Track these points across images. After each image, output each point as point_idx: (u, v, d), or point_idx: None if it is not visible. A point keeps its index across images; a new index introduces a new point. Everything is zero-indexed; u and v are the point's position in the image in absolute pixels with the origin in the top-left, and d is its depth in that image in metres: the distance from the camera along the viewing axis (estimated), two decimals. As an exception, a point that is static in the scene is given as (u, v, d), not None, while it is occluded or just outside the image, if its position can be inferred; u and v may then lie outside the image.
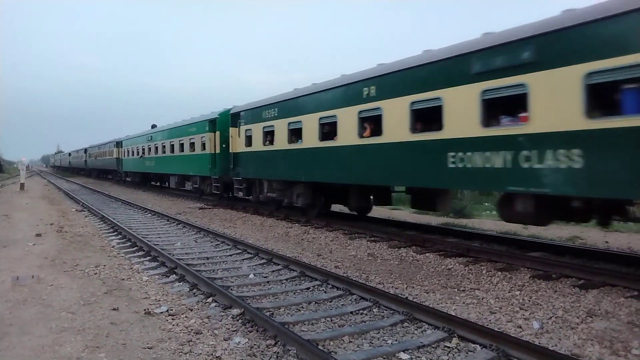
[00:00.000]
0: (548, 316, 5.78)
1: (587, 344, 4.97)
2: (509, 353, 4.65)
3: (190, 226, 13.72)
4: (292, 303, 6.51)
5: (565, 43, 6.86)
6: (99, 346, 4.97)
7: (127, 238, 11.84)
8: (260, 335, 5.26)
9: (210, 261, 9.35)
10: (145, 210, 18.52)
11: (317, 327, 5.64)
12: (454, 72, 8.56)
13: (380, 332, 5.40)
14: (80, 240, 11.43)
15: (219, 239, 11.53)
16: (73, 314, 5.99)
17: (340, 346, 5.03)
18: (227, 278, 8.00)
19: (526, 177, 7.35)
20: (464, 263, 8.52)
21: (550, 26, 7.10)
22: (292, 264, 8.60)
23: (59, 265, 8.67)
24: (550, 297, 6.49)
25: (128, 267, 8.70)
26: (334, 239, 11.31)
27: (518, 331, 5.38)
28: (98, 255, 9.67)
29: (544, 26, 7.20)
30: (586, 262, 8.00)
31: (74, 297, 6.70)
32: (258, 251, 9.76)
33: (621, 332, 5.22)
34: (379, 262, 9.02)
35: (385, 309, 6.18)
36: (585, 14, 6.70)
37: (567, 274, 7.44)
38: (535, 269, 7.82)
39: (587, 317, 5.68)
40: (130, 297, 6.78)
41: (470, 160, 8.23)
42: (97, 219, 15.95)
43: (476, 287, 7.15)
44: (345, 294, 6.84)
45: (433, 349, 4.93)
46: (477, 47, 8.16)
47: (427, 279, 7.69)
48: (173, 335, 5.27)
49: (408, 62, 9.75)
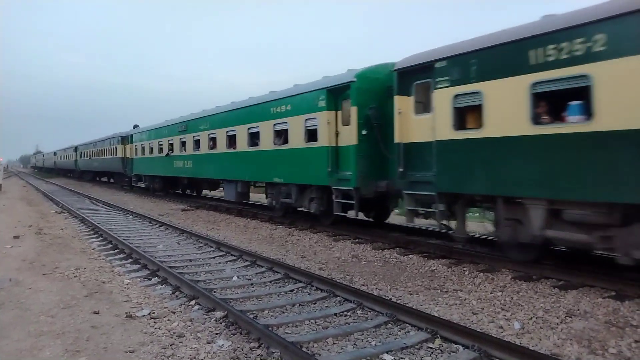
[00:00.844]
0: (529, 316, 5.87)
1: (567, 343, 5.06)
2: (490, 353, 4.71)
3: (173, 228, 13.59)
4: (276, 305, 6.50)
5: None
6: (79, 350, 4.89)
7: (108, 240, 11.67)
8: (244, 338, 5.23)
9: (193, 263, 9.27)
10: (127, 212, 18.27)
11: (301, 329, 5.64)
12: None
13: (364, 334, 5.42)
14: (60, 243, 11.22)
15: (202, 241, 11.43)
16: (52, 317, 5.89)
17: (325, 348, 5.03)
18: (210, 280, 7.94)
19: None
20: (447, 264, 8.61)
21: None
22: (276, 265, 8.58)
23: (38, 268, 8.51)
24: (531, 297, 6.59)
25: (109, 270, 8.58)
26: (318, 241, 11.32)
27: (500, 331, 5.45)
28: (78, 258, 9.51)
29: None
30: (566, 264, 8.14)
31: (53, 300, 6.58)
32: (242, 253, 9.71)
33: (599, 331, 5.33)
34: (363, 263, 9.06)
35: (369, 310, 6.20)
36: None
37: (547, 275, 7.57)
38: (516, 270, 7.93)
39: (567, 317, 5.79)
40: (111, 300, 6.69)
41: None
42: (77, 221, 15.68)
43: (459, 288, 7.23)
44: (330, 296, 6.85)
45: (416, 349, 4.97)
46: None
47: (410, 281, 7.74)
48: (155, 339, 5.21)
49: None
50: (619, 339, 5.08)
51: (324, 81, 12.30)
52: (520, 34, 7.45)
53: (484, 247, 9.90)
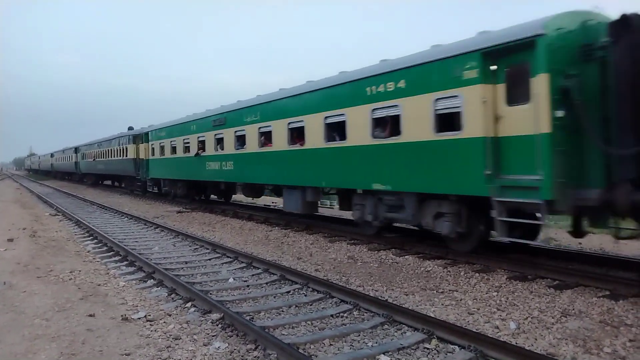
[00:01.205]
0: (524, 316, 5.90)
1: (562, 343, 5.09)
2: (486, 353, 4.72)
3: (169, 230, 13.55)
4: (272, 307, 6.49)
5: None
6: (75, 353, 4.87)
7: (103, 242, 11.62)
8: (241, 340, 5.23)
9: (188, 265, 9.25)
10: (122, 214, 18.20)
11: (298, 330, 5.64)
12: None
13: (360, 335, 5.42)
14: (55, 245, 11.17)
15: (197, 243, 11.41)
16: (47, 320, 5.86)
17: (321, 349, 5.03)
18: (206, 282, 7.93)
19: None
20: (442, 265, 8.63)
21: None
22: (272, 267, 8.58)
23: (32, 271, 8.46)
24: (526, 297, 6.62)
25: (104, 272, 8.55)
26: (314, 242, 11.32)
27: (495, 331, 5.48)
28: (73, 261, 9.47)
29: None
30: (560, 263, 8.18)
31: (48, 303, 6.55)
32: (238, 255, 9.70)
33: (594, 331, 5.36)
34: (359, 264, 9.07)
35: (365, 311, 6.21)
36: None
37: (543, 275, 7.60)
38: (511, 270, 7.97)
39: (562, 317, 5.82)
40: (106, 302, 6.66)
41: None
42: (71, 223, 15.61)
43: (454, 288, 7.25)
44: (326, 297, 6.85)
45: (413, 350, 4.98)
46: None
47: (406, 281, 7.76)
48: (151, 341, 5.19)
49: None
50: (614, 338, 5.11)
51: (474, 41, 8.39)
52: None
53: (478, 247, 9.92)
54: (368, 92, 10.36)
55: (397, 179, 9.72)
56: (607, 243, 10.91)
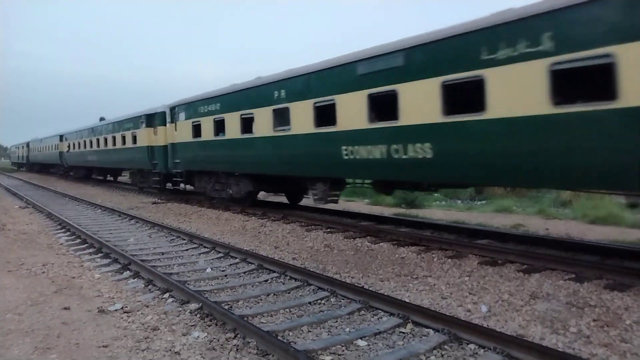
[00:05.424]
0: (495, 300, 6.11)
1: (531, 324, 5.30)
2: (460, 336, 4.89)
3: (144, 221, 13.38)
4: (251, 295, 6.54)
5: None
6: (50, 347, 4.82)
7: (76, 235, 11.41)
8: (220, 329, 5.27)
9: (165, 256, 9.19)
10: (95, 206, 17.86)
11: (276, 318, 5.71)
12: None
13: (338, 321, 5.53)
14: (25, 239, 10.91)
15: (173, 234, 11.32)
16: (20, 315, 5.77)
17: (300, 336, 5.12)
18: (184, 273, 7.91)
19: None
20: (416, 252, 8.82)
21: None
22: (250, 256, 8.61)
23: (2, 265, 8.27)
24: (497, 281, 6.85)
25: (78, 265, 8.42)
26: (291, 231, 11.38)
27: (468, 315, 5.66)
28: (45, 254, 9.29)
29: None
30: (529, 248, 8.46)
31: (20, 297, 6.44)
32: (215, 245, 9.68)
33: (561, 312, 5.60)
34: (335, 252, 9.18)
35: (342, 298, 6.32)
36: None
37: (512, 259, 7.86)
38: (482, 256, 8.21)
39: (530, 300, 6.05)
40: (81, 295, 6.59)
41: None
42: (43, 216, 15.23)
43: (428, 274, 7.43)
44: (303, 285, 6.94)
45: (389, 334, 5.12)
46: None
47: (381, 268, 7.91)
48: (129, 333, 5.18)
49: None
50: (579, 319, 5.35)
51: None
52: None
53: (451, 234, 10.17)
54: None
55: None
56: (572, 228, 11.33)
